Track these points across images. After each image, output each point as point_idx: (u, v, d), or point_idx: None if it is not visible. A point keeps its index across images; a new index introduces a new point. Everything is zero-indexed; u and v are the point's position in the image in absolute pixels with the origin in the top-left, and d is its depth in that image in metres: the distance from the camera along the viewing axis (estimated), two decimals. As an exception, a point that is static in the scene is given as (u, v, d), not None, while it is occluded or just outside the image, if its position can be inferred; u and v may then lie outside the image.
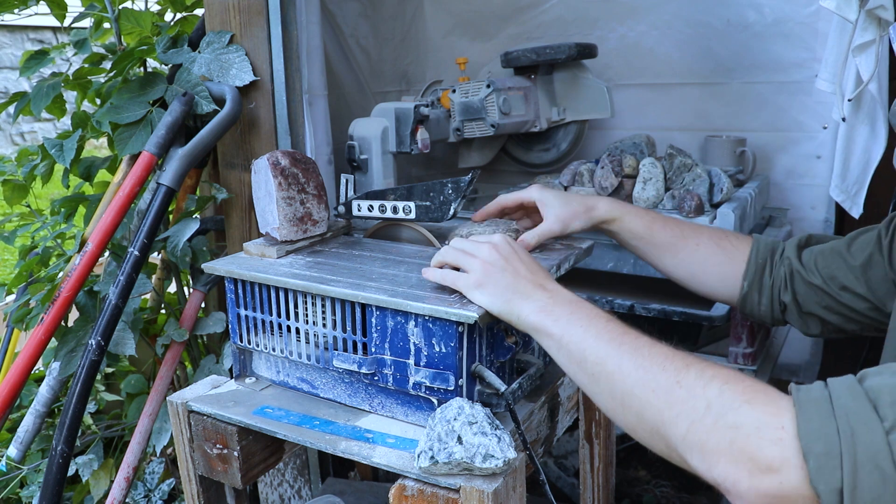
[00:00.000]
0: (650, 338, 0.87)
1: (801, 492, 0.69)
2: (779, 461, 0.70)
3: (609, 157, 1.79)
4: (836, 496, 0.67)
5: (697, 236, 1.24)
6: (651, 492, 2.49)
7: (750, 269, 1.22)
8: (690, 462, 0.78)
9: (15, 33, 6.56)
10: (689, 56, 2.16)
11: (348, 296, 1.02)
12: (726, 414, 0.74)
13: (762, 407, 0.73)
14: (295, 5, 1.53)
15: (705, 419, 0.76)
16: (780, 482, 0.70)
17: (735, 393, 0.76)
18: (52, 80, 1.70)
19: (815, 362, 2.10)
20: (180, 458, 1.17)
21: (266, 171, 1.21)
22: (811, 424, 0.69)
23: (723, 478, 0.73)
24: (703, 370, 0.80)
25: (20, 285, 1.68)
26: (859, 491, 0.66)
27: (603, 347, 0.87)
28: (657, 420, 0.80)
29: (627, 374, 0.84)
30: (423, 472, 0.91)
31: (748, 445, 0.72)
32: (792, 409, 0.72)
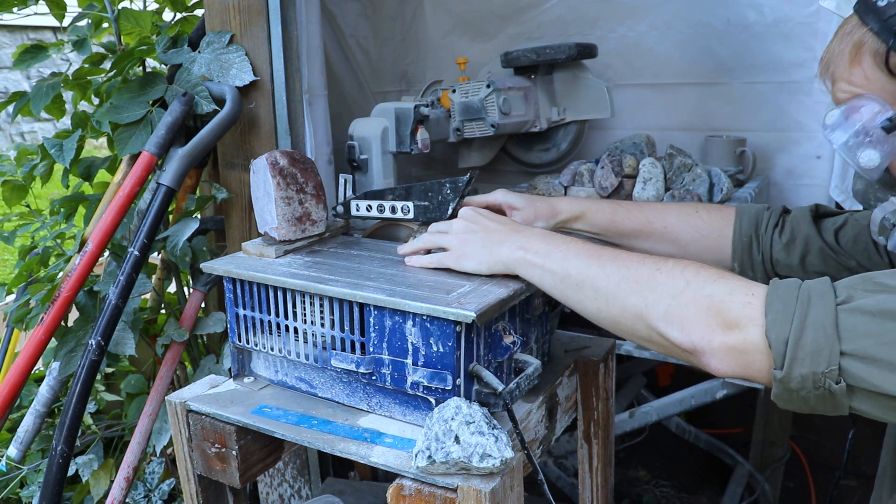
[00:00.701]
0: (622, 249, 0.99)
1: (759, 346, 0.80)
2: (745, 319, 0.81)
3: (609, 157, 1.79)
4: (782, 345, 0.77)
5: (664, 218, 1.25)
6: (651, 492, 2.49)
7: (737, 250, 1.21)
8: (670, 335, 0.87)
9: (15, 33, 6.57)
10: (689, 56, 2.16)
11: (346, 295, 1.02)
12: (703, 287, 0.86)
13: (735, 281, 0.86)
14: (295, 5, 1.53)
15: (685, 294, 0.86)
16: (744, 338, 0.81)
17: (710, 273, 0.88)
18: (51, 80, 1.70)
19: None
20: (179, 458, 1.17)
21: (265, 171, 1.21)
22: (778, 291, 0.81)
23: (699, 339, 0.84)
24: (678, 261, 0.91)
25: (20, 285, 1.68)
26: (801, 343, 0.76)
27: (584, 260, 0.97)
28: (640, 304, 0.90)
29: (611, 274, 0.93)
30: (421, 471, 0.91)
31: (721, 307, 0.83)
32: (764, 287, 0.83)
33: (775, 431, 2.23)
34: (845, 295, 0.78)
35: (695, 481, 2.53)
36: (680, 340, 0.86)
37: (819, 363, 0.76)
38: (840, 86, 0.94)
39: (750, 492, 2.27)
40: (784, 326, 0.78)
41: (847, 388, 0.76)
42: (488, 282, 1.04)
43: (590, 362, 1.29)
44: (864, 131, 0.90)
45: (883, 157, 0.91)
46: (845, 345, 0.75)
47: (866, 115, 0.90)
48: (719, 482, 2.39)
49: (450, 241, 1.09)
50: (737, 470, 2.31)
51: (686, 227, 1.23)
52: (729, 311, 0.82)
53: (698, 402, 1.84)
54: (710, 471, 2.53)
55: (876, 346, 0.74)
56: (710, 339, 0.83)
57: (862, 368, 0.74)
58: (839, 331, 0.75)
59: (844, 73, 0.92)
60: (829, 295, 0.78)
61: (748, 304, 0.82)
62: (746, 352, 0.81)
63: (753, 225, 1.21)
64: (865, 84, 0.90)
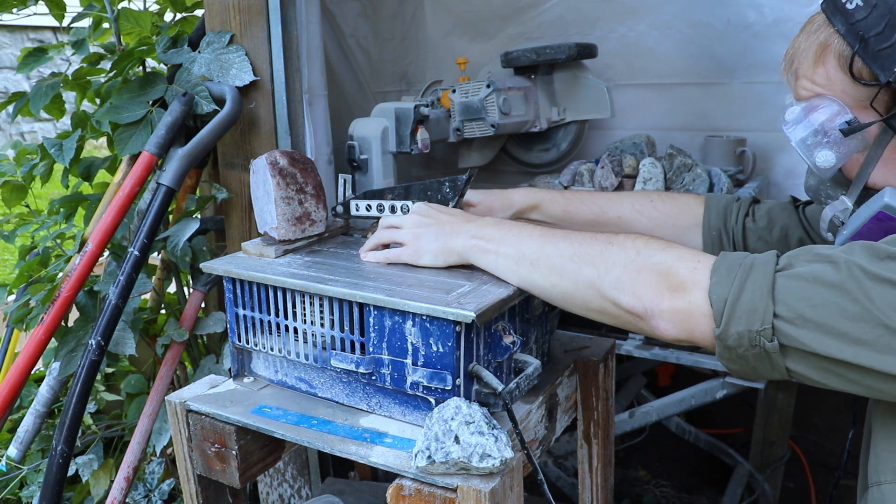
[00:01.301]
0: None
1: (703, 309, 0.84)
2: (690, 283, 0.86)
3: (609, 157, 1.79)
4: (721, 304, 0.82)
5: (618, 208, 1.27)
6: (651, 492, 2.49)
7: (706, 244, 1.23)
8: (621, 301, 0.91)
9: (15, 33, 6.57)
10: (689, 56, 2.16)
11: (346, 295, 1.02)
12: (653, 255, 0.90)
13: (682, 249, 0.91)
14: (295, 5, 1.53)
15: (635, 262, 0.91)
16: (689, 300, 0.85)
17: (659, 243, 0.92)
18: (51, 80, 1.70)
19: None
20: (179, 458, 1.17)
21: (264, 171, 1.21)
22: (724, 259, 0.86)
23: (648, 302, 0.88)
24: (629, 234, 0.96)
25: (20, 285, 1.68)
26: (739, 302, 0.81)
27: (537, 240, 1.00)
28: (592, 275, 0.94)
29: (564, 250, 0.97)
30: (421, 471, 0.91)
31: (669, 272, 0.88)
32: (712, 257, 0.88)
33: (775, 431, 2.23)
34: (785, 262, 0.82)
35: (695, 481, 2.53)
36: (631, 305, 0.90)
37: (754, 321, 0.80)
38: (802, 83, 0.95)
39: (750, 492, 2.27)
40: (725, 288, 0.83)
41: (780, 348, 0.79)
42: (488, 282, 1.04)
43: (589, 362, 1.29)
44: (823, 131, 0.91)
45: (838, 158, 0.92)
46: (779, 307, 0.79)
47: (825, 115, 0.91)
48: (719, 482, 2.39)
49: (404, 236, 1.11)
50: (737, 470, 2.31)
51: (639, 217, 1.26)
52: (676, 275, 0.87)
53: (698, 402, 1.84)
54: (710, 471, 2.53)
55: (807, 308, 0.78)
56: (658, 303, 0.87)
57: (793, 329, 0.78)
58: (774, 293, 0.80)
59: (808, 71, 0.93)
60: (771, 263, 0.83)
61: (694, 269, 0.86)
62: (691, 314, 0.85)
63: (722, 218, 1.23)
64: (827, 84, 0.91)
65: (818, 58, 0.91)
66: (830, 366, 0.78)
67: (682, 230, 1.25)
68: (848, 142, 0.90)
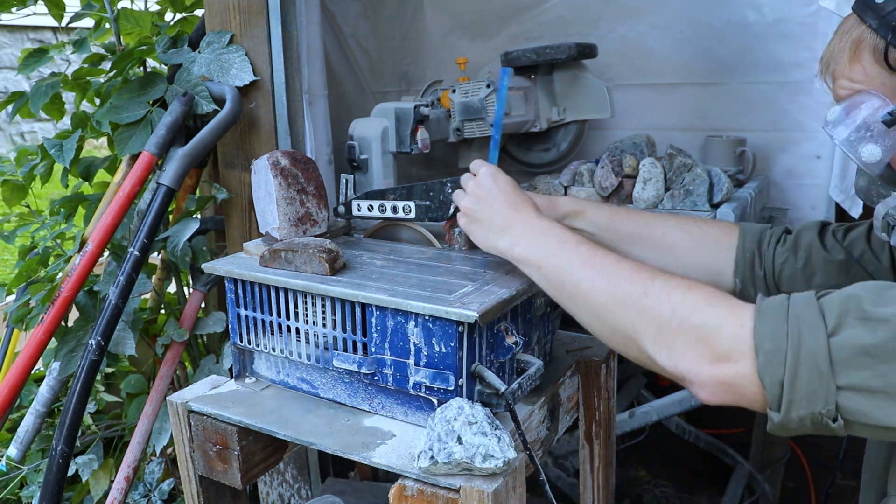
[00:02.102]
0: (617, 255, 0.97)
1: (752, 380, 0.79)
2: (736, 353, 0.80)
3: (609, 157, 1.79)
4: (777, 388, 0.77)
5: (663, 225, 1.25)
6: (651, 492, 2.49)
7: (739, 266, 1.21)
8: (659, 361, 0.87)
9: (14, 33, 6.56)
10: (689, 56, 2.16)
11: (348, 295, 1.02)
12: (691, 316, 0.85)
13: (724, 308, 0.84)
14: (295, 5, 1.53)
15: (672, 322, 0.85)
16: (735, 371, 0.80)
17: (698, 297, 0.86)
18: (50, 80, 1.70)
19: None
20: (180, 458, 1.17)
21: (266, 171, 1.21)
22: (766, 324, 0.79)
23: (687, 370, 0.84)
24: (667, 280, 0.90)
25: (20, 285, 1.67)
26: (797, 384, 0.76)
27: (576, 270, 0.96)
28: (629, 328, 0.89)
29: (601, 291, 0.93)
30: (423, 472, 0.91)
31: (710, 339, 0.82)
32: (753, 312, 0.81)
33: (775, 431, 2.23)
34: (834, 323, 0.77)
35: (695, 481, 2.53)
36: (669, 367, 0.86)
37: (816, 404, 0.76)
38: (840, 83, 0.94)
39: (750, 492, 2.27)
40: (778, 369, 0.77)
41: (845, 423, 0.76)
42: (490, 282, 1.04)
43: (591, 362, 1.29)
44: (866, 126, 0.91)
45: (884, 151, 0.91)
46: (840, 380, 0.75)
47: (867, 110, 0.90)
48: (719, 482, 2.39)
49: (463, 206, 1.10)
50: (737, 470, 2.31)
51: (683, 236, 1.23)
52: (718, 343, 0.82)
53: (698, 402, 1.84)
54: (710, 471, 2.53)
55: (871, 380, 0.74)
56: (698, 371, 0.83)
57: (858, 401, 0.75)
58: (833, 367, 0.75)
59: (844, 70, 0.93)
60: (819, 325, 0.77)
61: (737, 336, 0.81)
62: (738, 385, 0.81)
63: (756, 241, 1.21)
64: (865, 80, 0.91)
65: (853, 55, 0.91)
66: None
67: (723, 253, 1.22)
68: (893, 133, 0.90)
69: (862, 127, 0.91)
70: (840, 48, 0.93)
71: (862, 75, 0.91)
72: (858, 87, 0.92)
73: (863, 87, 0.91)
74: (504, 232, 1.05)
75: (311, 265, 1.08)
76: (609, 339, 0.95)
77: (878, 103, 0.89)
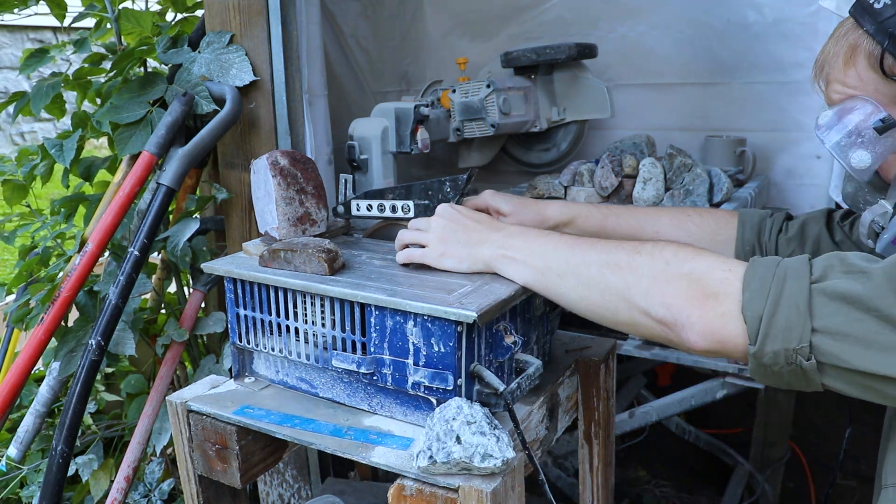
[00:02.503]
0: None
1: (735, 321, 0.82)
2: (722, 293, 0.84)
3: (609, 157, 1.79)
4: (756, 322, 0.80)
5: (655, 223, 1.25)
6: (651, 492, 2.49)
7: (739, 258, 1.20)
8: (652, 311, 0.89)
9: (15, 33, 6.57)
10: (689, 56, 2.16)
11: (347, 295, 1.02)
12: (682, 264, 0.89)
13: (713, 257, 0.89)
14: (295, 5, 1.53)
15: (665, 271, 0.89)
16: (721, 311, 0.84)
17: (688, 251, 0.91)
18: (51, 80, 1.70)
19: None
20: (179, 458, 1.17)
21: (265, 171, 1.21)
22: (756, 270, 0.84)
23: (678, 312, 0.87)
24: (656, 243, 0.94)
25: (20, 285, 1.68)
26: (775, 319, 0.79)
27: (564, 251, 0.99)
28: (621, 286, 0.92)
29: (592, 261, 0.96)
30: (422, 471, 0.91)
31: (701, 280, 0.86)
32: (743, 263, 0.86)
33: (775, 431, 2.23)
34: (819, 273, 0.80)
35: (695, 481, 2.54)
36: (661, 315, 0.89)
37: (791, 339, 0.79)
38: (834, 87, 0.94)
39: (750, 492, 2.27)
40: (759, 303, 0.81)
41: (818, 365, 0.78)
42: (489, 282, 1.04)
43: (591, 362, 1.29)
44: (857, 132, 0.90)
45: (874, 158, 0.91)
46: (817, 322, 0.78)
47: (859, 116, 0.90)
48: (719, 482, 2.39)
49: (428, 239, 1.10)
50: (737, 470, 2.31)
51: (678, 233, 1.23)
52: (707, 285, 0.86)
53: (698, 402, 1.84)
54: (710, 471, 2.53)
55: (845, 324, 0.76)
56: (689, 313, 0.86)
57: (831, 346, 0.77)
58: (811, 308, 0.78)
59: (839, 74, 0.93)
60: (805, 273, 0.81)
61: (725, 279, 0.85)
62: (723, 326, 0.84)
63: (756, 233, 1.21)
64: (859, 85, 0.91)
65: (848, 60, 0.91)
66: (869, 381, 0.77)
67: (720, 245, 1.23)
68: (883, 140, 0.90)
69: (853, 132, 0.91)
70: (835, 52, 0.93)
71: (856, 80, 0.91)
72: (852, 91, 0.92)
73: (856, 92, 0.91)
74: (483, 242, 1.06)
75: (310, 265, 1.08)
76: (598, 305, 0.96)
77: (871, 109, 0.89)
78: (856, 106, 0.91)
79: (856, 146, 0.91)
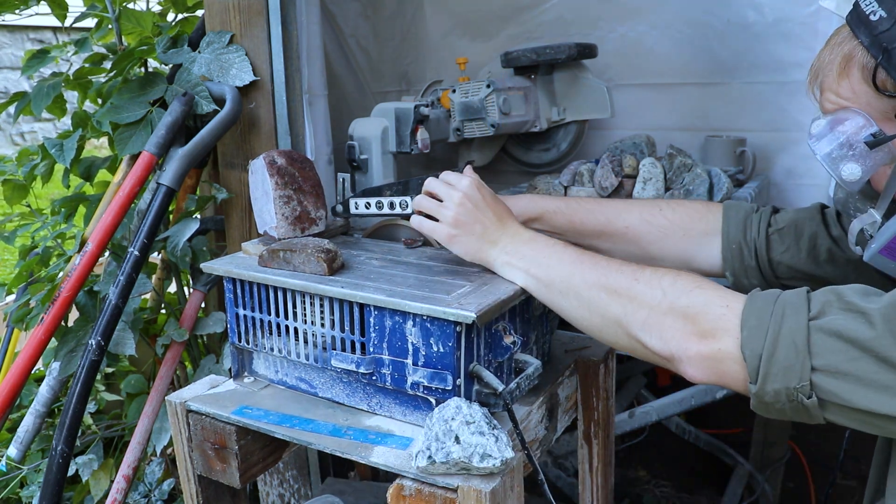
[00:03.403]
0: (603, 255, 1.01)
1: (734, 357, 0.83)
2: (720, 330, 0.84)
3: (609, 157, 1.79)
4: (756, 360, 0.81)
5: (625, 217, 1.24)
6: (651, 492, 2.49)
7: (727, 259, 1.20)
8: (649, 344, 0.90)
9: (15, 33, 6.57)
10: (689, 56, 2.16)
11: (346, 295, 1.02)
12: (679, 297, 0.88)
13: (711, 290, 0.88)
14: (295, 5, 1.53)
15: (662, 304, 0.89)
16: (719, 348, 0.84)
17: (687, 282, 0.90)
18: (52, 80, 1.70)
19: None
20: (179, 458, 1.17)
21: (263, 171, 1.21)
22: (754, 305, 0.84)
23: (675, 346, 0.87)
24: (656, 269, 0.94)
25: (20, 285, 1.68)
26: (775, 358, 0.79)
27: (566, 268, 0.99)
28: (619, 313, 0.93)
29: (592, 283, 0.96)
30: (421, 471, 0.91)
31: (697, 317, 0.86)
32: (741, 298, 0.85)
33: (775, 431, 2.23)
34: (818, 310, 0.80)
35: (695, 481, 2.53)
36: (658, 348, 0.89)
37: (791, 378, 0.79)
38: (828, 96, 0.93)
39: (750, 492, 2.27)
40: (758, 342, 0.81)
41: (819, 402, 0.79)
42: (489, 282, 1.05)
43: (590, 362, 1.29)
44: (848, 144, 0.89)
45: (864, 171, 0.90)
46: (816, 360, 0.78)
47: (851, 128, 0.89)
48: (719, 482, 2.39)
49: (444, 216, 1.08)
50: (737, 470, 2.31)
51: (647, 228, 1.23)
52: (705, 320, 0.85)
53: (698, 402, 1.84)
54: (710, 471, 2.53)
55: (844, 363, 0.77)
56: (686, 348, 0.86)
57: (832, 383, 0.77)
58: (810, 347, 0.78)
59: (833, 84, 0.91)
60: (803, 309, 0.80)
61: (722, 315, 0.85)
62: (721, 361, 0.84)
63: (741, 230, 1.20)
64: (852, 97, 0.89)
65: (842, 70, 0.90)
66: (870, 419, 0.77)
67: (694, 239, 1.22)
68: (874, 154, 0.89)
69: (845, 145, 0.89)
70: (830, 60, 0.92)
71: (849, 92, 0.90)
72: (845, 103, 0.90)
73: (849, 103, 0.90)
74: (494, 245, 1.06)
75: (309, 265, 1.09)
76: (599, 329, 0.97)
77: (863, 122, 0.88)
78: (848, 118, 0.89)
79: (846, 159, 0.90)
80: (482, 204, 1.08)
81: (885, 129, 0.87)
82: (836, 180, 0.93)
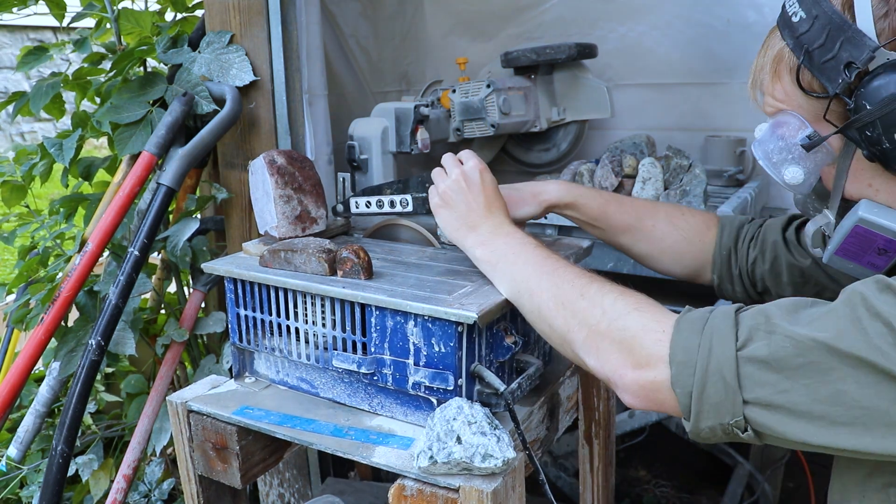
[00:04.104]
0: (567, 261, 0.99)
1: (668, 389, 0.81)
2: (655, 359, 0.82)
3: (609, 157, 1.79)
4: (687, 398, 0.79)
5: (653, 217, 1.24)
6: (651, 492, 2.49)
7: (716, 263, 1.21)
8: (588, 364, 0.89)
9: (15, 33, 6.57)
10: (689, 56, 2.16)
11: (347, 295, 1.02)
12: (618, 319, 0.86)
13: (649, 314, 0.86)
14: (295, 5, 1.53)
15: (601, 324, 0.87)
16: (653, 377, 0.82)
17: (627, 302, 0.88)
18: (51, 80, 1.70)
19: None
20: (180, 458, 1.17)
21: (263, 171, 1.21)
22: (681, 336, 0.81)
23: (612, 371, 0.86)
24: (603, 284, 0.92)
25: (20, 285, 1.67)
26: (705, 395, 0.77)
27: (528, 270, 0.98)
28: (563, 328, 0.92)
29: (544, 291, 0.95)
30: (423, 471, 0.91)
31: (633, 343, 0.84)
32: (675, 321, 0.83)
33: (775, 431, 2.23)
34: (745, 337, 0.77)
35: (695, 481, 2.53)
36: (597, 370, 0.88)
37: (724, 415, 0.77)
38: (767, 99, 0.91)
39: (750, 492, 2.27)
40: (687, 378, 0.79)
41: (756, 434, 0.77)
42: (489, 282, 1.04)
43: (591, 362, 1.29)
44: (787, 148, 0.87)
45: (806, 173, 0.88)
46: (746, 394, 0.76)
47: (788, 131, 0.87)
48: (719, 482, 2.39)
49: (438, 186, 1.12)
50: (737, 470, 2.31)
51: (671, 229, 1.23)
52: (640, 348, 0.83)
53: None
54: (710, 471, 2.53)
55: (774, 395, 0.74)
56: (622, 374, 0.85)
57: (764, 416, 0.75)
58: (740, 380, 0.76)
59: (769, 87, 0.90)
60: (730, 338, 0.78)
61: (658, 341, 0.82)
62: (657, 390, 0.82)
63: (734, 238, 1.21)
64: (786, 99, 0.88)
65: (774, 73, 0.88)
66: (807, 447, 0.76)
67: (705, 246, 1.22)
68: (813, 156, 0.87)
69: (784, 149, 0.88)
70: (763, 64, 0.91)
71: (782, 94, 0.88)
72: (781, 105, 0.89)
73: (784, 106, 0.88)
74: (472, 230, 1.07)
75: (310, 265, 1.08)
76: (549, 338, 0.97)
77: (797, 124, 0.86)
78: (785, 121, 0.88)
79: (787, 162, 0.88)
80: (476, 187, 1.09)
81: (819, 129, 0.85)
82: (781, 184, 0.91)
